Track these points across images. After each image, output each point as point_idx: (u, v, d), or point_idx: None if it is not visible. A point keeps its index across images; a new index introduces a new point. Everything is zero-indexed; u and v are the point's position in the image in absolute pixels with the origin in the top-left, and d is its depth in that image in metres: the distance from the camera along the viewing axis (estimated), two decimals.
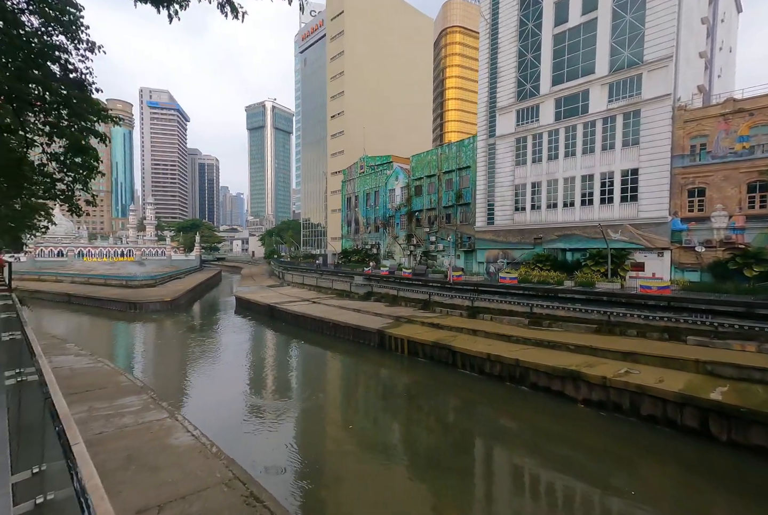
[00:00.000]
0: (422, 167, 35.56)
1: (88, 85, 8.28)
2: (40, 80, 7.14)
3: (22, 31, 7.71)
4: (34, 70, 7.34)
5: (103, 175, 11.92)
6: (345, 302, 31.21)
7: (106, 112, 9.34)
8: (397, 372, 18.37)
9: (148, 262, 65.98)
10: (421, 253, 35.11)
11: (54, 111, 9.71)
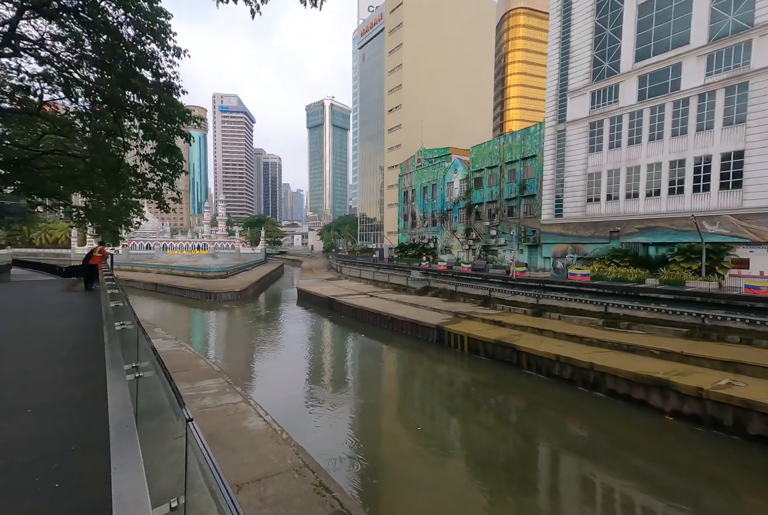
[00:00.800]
0: (483, 158, 34.14)
1: (175, 88, 9.01)
2: (138, 86, 7.87)
3: (122, 43, 8.55)
4: (132, 77, 8.10)
5: (187, 173, 12.99)
6: (402, 297, 31.20)
7: (189, 114, 10.11)
8: (457, 370, 17.93)
9: (220, 255, 71.60)
10: (481, 247, 33.89)
11: (146, 117, 10.71)
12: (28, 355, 5.10)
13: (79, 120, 16.96)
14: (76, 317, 7.79)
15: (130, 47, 7.59)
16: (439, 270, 31.43)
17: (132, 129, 11.19)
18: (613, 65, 23.36)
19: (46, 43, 9.57)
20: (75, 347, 5.47)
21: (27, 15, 9.98)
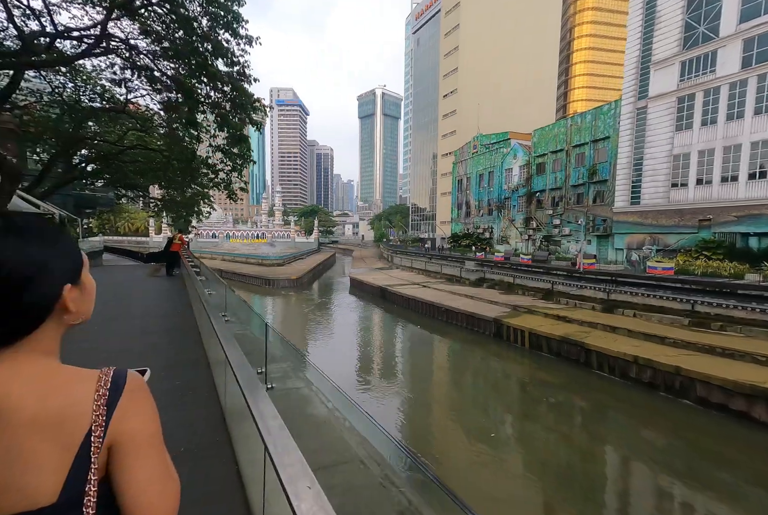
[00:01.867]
0: (546, 142, 31.88)
1: (247, 77, 9.18)
2: (215, 74, 8.14)
3: (197, 35, 8.83)
4: (207, 67, 8.39)
5: (255, 163, 13.43)
6: (455, 288, 30.44)
7: (259, 102, 10.30)
8: (517, 366, 17.13)
9: (277, 243, 74.97)
10: (542, 238, 31.96)
11: (218, 107, 11.11)
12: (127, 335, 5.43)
13: (157, 116, 18.23)
14: (165, 301, 8.33)
15: (205, 38, 7.78)
16: (495, 261, 30.21)
17: (204, 121, 11.81)
18: (710, 29, 20.33)
19: (130, 42, 10.21)
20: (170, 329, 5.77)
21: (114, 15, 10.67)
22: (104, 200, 28.18)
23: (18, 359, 0.63)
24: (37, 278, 0.63)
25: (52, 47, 11.13)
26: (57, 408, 0.61)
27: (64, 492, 0.59)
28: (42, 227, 0.68)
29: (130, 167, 19.99)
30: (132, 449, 0.66)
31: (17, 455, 0.58)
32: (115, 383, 0.67)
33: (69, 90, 17.12)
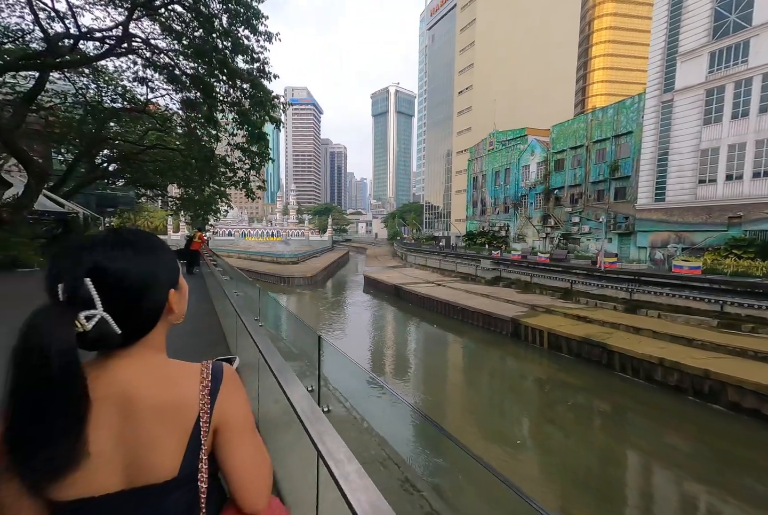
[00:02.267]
0: (565, 138, 31.14)
1: (267, 74, 9.17)
2: (235, 71, 8.14)
3: (216, 33, 8.86)
4: (227, 64, 8.40)
5: (273, 161, 13.48)
6: (471, 286, 30.10)
7: (278, 99, 10.28)
8: (535, 366, 16.79)
9: (291, 242, 75.56)
10: (560, 236, 31.30)
11: (237, 105, 11.16)
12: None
13: (176, 115, 18.47)
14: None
15: (226, 34, 7.77)
16: (512, 260, 29.72)
17: (223, 120, 11.90)
18: (742, 17, 19.44)
19: (151, 42, 10.32)
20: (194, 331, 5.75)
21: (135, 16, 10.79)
22: (125, 199, 28.82)
23: (138, 354, 0.74)
24: (151, 285, 0.72)
25: (75, 48, 11.34)
26: (173, 397, 0.72)
27: (182, 468, 0.70)
28: (149, 239, 0.76)
29: (150, 166, 20.35)
30: (232, 432, 0.76)
31: (146, 437, 0.68)
32: (215, 374, 0.77)
33: (92, 91, 17.48)
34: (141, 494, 0.68)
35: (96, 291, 0.65)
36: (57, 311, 0.63)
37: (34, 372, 0.60)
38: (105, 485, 0.66)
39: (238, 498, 0.76)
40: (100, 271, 0.66)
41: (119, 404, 0.68)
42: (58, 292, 0.65)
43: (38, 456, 0.60)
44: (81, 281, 0.65)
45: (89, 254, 0.68)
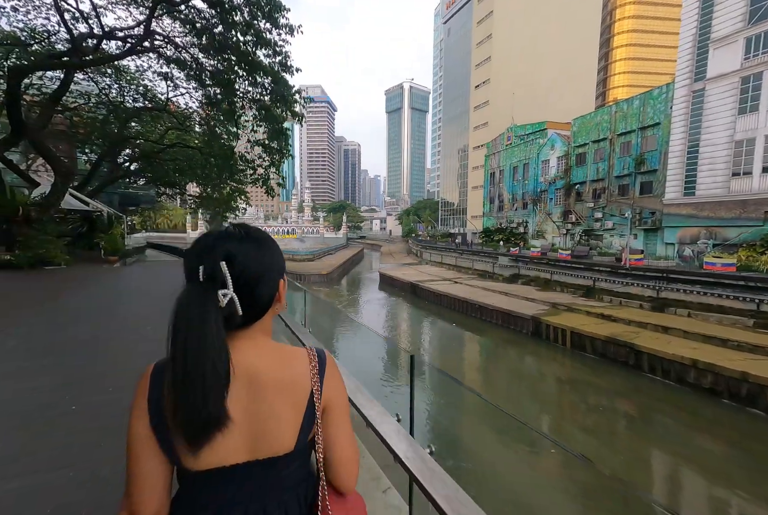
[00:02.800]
0: (587, 131, 30.20)
1: (289, 67, 9.04)
2: (257, 64, 8.04)
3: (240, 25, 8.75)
4: (249, 58, 8.31)
5: (293, 157, 13.43)
6: (489, 284, 29.64)
7: (299, 93, 10.17)
8: (558, 366, 16.37)
9: (307, 239, 76.01)
10: (581, 232, 30.45)
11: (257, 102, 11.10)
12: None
13: (196, 114, 18.64)
14: None
15: (247, 27, 7.65)
16: (531, 256, 29.09)
17: (243, 116, 11.90)
18: None
19: (172, 39, 10.34)
20: None
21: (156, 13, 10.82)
22: (146, 197, 29.39)
23: (256, 338, 0.81)
24: (267, 274, 0.80)
25: (99, 48, 11.47)
26: (290, 376, 0.79)
27: (298, 442, 0.77)
28: (267, 237, 0.85)
29: (170, 165, 20.65)
30: (336, 411, 0.83)
31: (269, 410, 0.75)
32: (320, 358, 0.85)
33: (114, 91, 17.79)
34: (264, 465, 0.75)
35: (229, 274, 0.74)
36: (205, 287, 0.72)
37: (193, 339, 0.68)
38: (234, 456, 0.73)
39: (335, 475, 0.82)
40: (232, 258, 0.75)
41: (245, 381, 0.75)
42: (199, 272, 0.74)
43: (197, 416, 0.68)
44: (218, 265, 0.73)
45: (224, 243, 0.77)
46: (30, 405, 3.04)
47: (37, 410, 2.97)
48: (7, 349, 4.38)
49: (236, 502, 0.75)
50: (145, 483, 0.71)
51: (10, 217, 9.13)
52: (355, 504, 0.87)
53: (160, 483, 0.72)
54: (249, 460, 0.74)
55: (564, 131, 34.17)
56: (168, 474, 0.74)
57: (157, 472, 0.72)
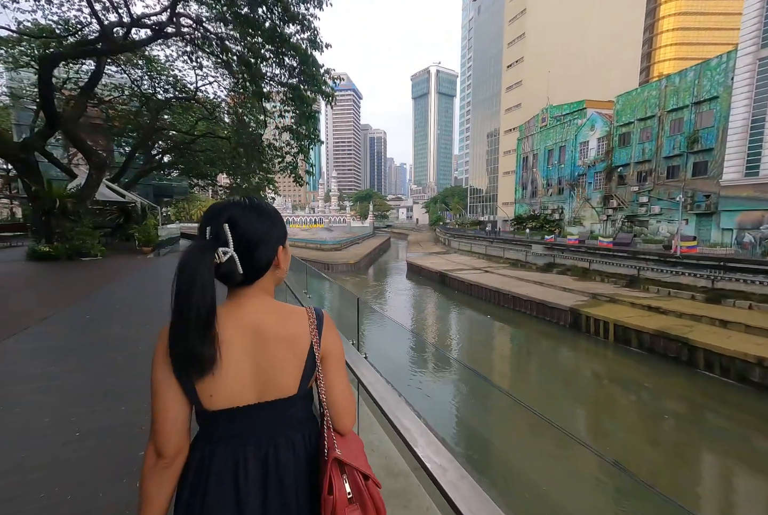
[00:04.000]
0: (633, 109, 27.98)
1: (319, 44, 8.55)
2: (286, 39, 7.61)
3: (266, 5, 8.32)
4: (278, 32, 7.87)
5: (322, 142, 13.05)
6: (521, 273, 28.54)
7: (329, 74, 9.67)
8: (598, 360, 15.48)
9: (334, 228, 76.35)
10: (624, 218, 28.56)
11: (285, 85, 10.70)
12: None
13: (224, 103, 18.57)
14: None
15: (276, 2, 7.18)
16: (567, 245, 27.65)
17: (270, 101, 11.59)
18: None
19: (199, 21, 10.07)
20: None
21: None
22: (179, 189, 30.08)
23: (258, 296, 0.91)
24: (265, 239, 0.89)
25: (128, 36, 11.39)
26: (291, 330, 0.89)
27: (301, 386, 0.88)
28: (269, 208, 0.94)
29: (201, 156, 20.84)
30: (333, 361, 0.94)
31: (273, 359, 0.86)
32: (318, 315, 0.94)
33: (146, 83, 17.97)
34: (272, 406, 0.86)
35: (230, 235, 0.84)
36: (207, 244, 0.83)
37: (187, 283, 0.79)
38: (245, 398, 0.84)
39: (335, 416, 0.92)
40: (234, 221, 0.85)
41: (251, 333, 0.86)
42: (206, 233, 0.84)
43: (192, 352, 0.78)
44: (221, 226, 0.84)
45: (228, 210, 0.87)
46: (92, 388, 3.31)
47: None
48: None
49: (249, 437, 0.85)
50: (167, 421, 0.81)
51: (48, 209, 9.36)
52: (354, 442, 0.95)
53: (180, 422, 0.83)
54: (258, 401, 0.85)
55: (605, 110, 31.87)
56: (187, 414, 0.85)
57: (178, 412, 0.82)
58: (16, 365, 3.78)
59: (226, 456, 0.84)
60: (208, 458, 0.84)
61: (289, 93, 8.63)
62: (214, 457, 0.84)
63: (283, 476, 0.85)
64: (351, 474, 0.85)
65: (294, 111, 9.07)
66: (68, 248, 9.66)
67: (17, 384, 3.31)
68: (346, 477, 0.85)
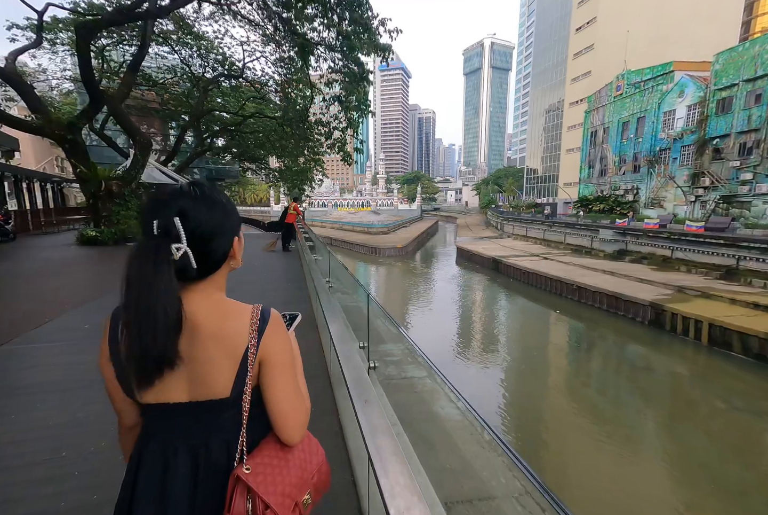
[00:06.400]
0: (737, 69, 23.46)
1: None
2: None
3: None
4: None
5: (374, 114, 11.89)
6: (587, 261, 25.82)
7: (384, 25, 8.29)
8: (686, 365, 13.26)
9: (381, 211, 75.46)
10: (718, 198, 24.52)
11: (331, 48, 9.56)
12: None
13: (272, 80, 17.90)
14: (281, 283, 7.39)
15: None
16: (644, 229, 24.40)
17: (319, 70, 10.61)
18: None
19: None
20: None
21: None
22: (232, 172, 30.56)
23: (204, 291, 0.86)
24: (220, 232, 0.84)
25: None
26: (228, 328, 0.84)
27: (233, 389, 0.83)
28: (221, 195, 0.87)
29: (251, 138, 20.58)
30: (273, 367, 0.86)
31: (206, 358, 0.81)
32: (263, 316, 0.87)
33: (197, 64, 17.73)
34: (203, 407, 0.83)
35: (183, 229, 0.78)
36: (158, 242, 0.77)
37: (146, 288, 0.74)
38: (176, 395, 0.82)
39: (275, 427, 0.88)
40: (185, 214, 0.79)
41: (187, 329, 0.80)
42: (153, 227, 0.78)
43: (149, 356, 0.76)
44: (172, 220, 0.78)
45: (177, 201, 0.80)
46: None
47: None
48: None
49: (179, 436, 0.83)
50: (117, 402, 0.87)
51: (94, 192, 9.22)
52: (295, 455, 0.89)
53: (128, 403, 0.86)
54: (190, 400, 0.82)
55: (698, 73, 27.16)
56: (134, 409, 0.87)
57: (123, 396, 0.85)
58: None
59: (155, 451, 0.83)
60: (141, 450, 0.85)
61: (338, 48, 7.48)
62: (146, 450, 0.84)
63: (214, 476, 0.83)
64: (253, 497, 0.80)
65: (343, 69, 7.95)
66: (114, 233, 9.54)
67: None
68: (250, 498, 0.81)
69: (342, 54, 7.61)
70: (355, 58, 7.53)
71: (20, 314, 4.85)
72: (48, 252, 9.75)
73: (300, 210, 11.93)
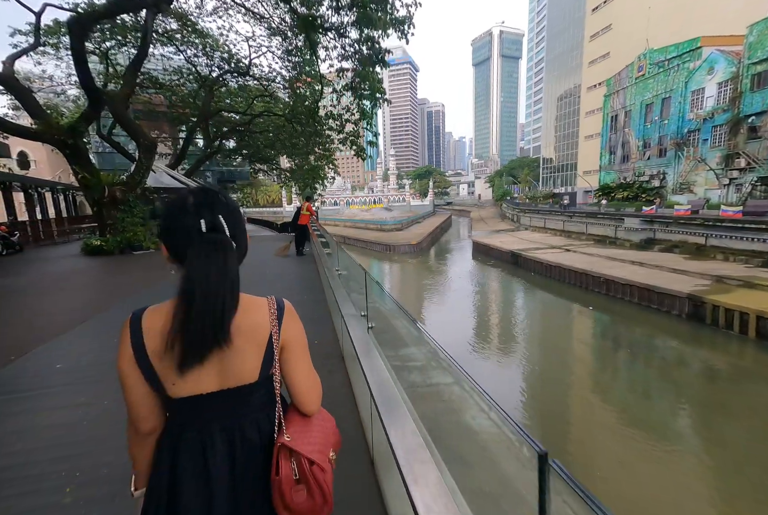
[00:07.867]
0: None
1: None
2: None
3: None
4: None
5: (390, 103, 11.23)
6: (612, 252, 24.61)
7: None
8: (732, 361, 12.21)
9: (393, 208, 74.60)
10: (755, 180, 22.93)
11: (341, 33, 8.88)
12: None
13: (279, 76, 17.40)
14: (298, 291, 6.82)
15: None
16: (674, 216, 23.09)
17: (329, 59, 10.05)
18: None
19: None
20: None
21: None
22: (243, 174, 30.35)
23: None
24: (242, 231, 0.95)
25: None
26: (251, 320, 0.92)
27: (261, 373, 0.92)
28: (234, 201, 0.96)
29: (260, 138, 20.15)
30: (293, 350, 0.97)
31: (235, 350, 0.88)
32: (279, 306, 0.97)
33: (203, 63, 17.35)
34: (234, 392, 0.90)
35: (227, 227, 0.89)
36: (217, 236, 0.86)
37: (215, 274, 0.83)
38: (207, 386, 0.88)
39: (297, 402, 0.98)
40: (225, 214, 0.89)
41: None
42: (201, 225, 0.86)
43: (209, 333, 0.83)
44: (217, 217, 0.88)
45: (216, 203, 0.90)
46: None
47: None
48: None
49: (214, 421, 0.91)
50: (139, 407, 0.89)
51: (97, 198, 8.84)
52: (318, 423, 1.01)
53: (151, 407, 0.90)
54: (221, 388, 0.89)
55: (730, 47, 25.41)
56: (157, 400, 0.90)
57: (147, 400, 0.89)
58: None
59: (193, 438, 0.89)
60: (176, 441, 0.90)
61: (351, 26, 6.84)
62: (182, 440, 0.89)
63: (250, 451, 0.91)
64: (298, 458, 0.91)
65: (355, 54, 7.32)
66: (119, 241, 9.14)
67: None
68: (293, 460, 0.91)
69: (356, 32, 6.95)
70: (369, 36, 6.86)
71: None
72: (49, 265, 9.38)
73: (314, 210, 11.32)
